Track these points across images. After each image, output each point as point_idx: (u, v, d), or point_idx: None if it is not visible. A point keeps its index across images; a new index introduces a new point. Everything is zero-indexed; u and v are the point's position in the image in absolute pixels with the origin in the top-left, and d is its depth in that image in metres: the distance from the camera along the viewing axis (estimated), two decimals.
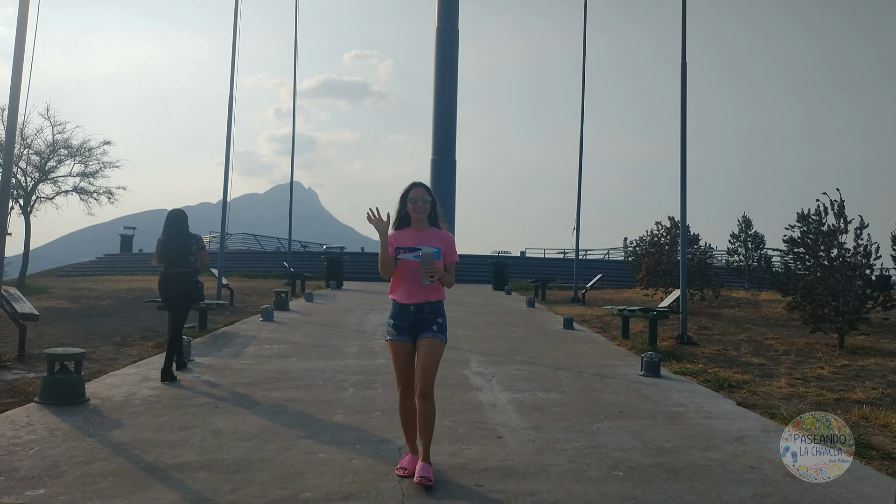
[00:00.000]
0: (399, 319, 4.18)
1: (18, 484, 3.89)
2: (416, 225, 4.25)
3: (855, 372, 8.95)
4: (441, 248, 4.19)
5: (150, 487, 3.90)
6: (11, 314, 8.11)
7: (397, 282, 4.22)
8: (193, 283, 7.42)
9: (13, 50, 7.94)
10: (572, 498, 3.93)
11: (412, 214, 4.22)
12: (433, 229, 4.28)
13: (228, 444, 4.78)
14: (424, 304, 4.15)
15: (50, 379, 5.76)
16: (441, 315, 4.21)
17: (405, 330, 4.16)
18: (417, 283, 4.11)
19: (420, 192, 4.23)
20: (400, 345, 4.16)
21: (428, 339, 4.11)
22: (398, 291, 4.21)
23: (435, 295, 4.19)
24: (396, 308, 4.21)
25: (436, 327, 4.14)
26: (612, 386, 7.44)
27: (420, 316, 4.15)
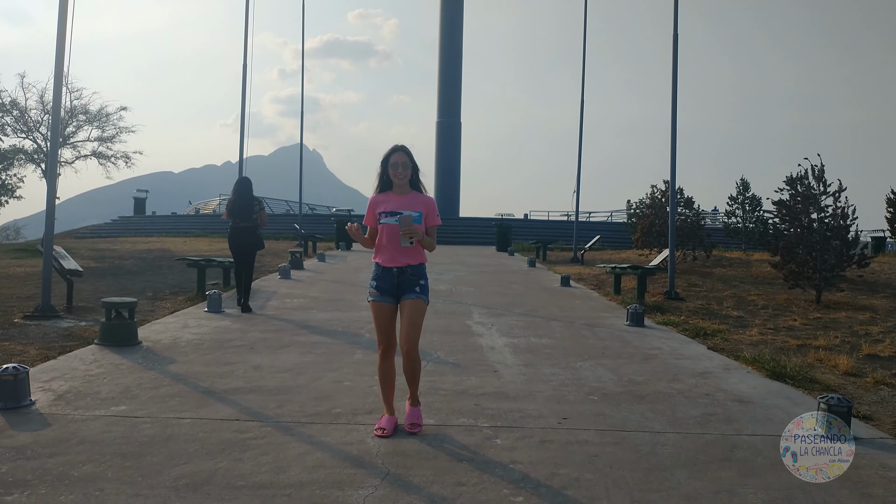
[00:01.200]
0: (382, 281, 4.26)
1: (103, 403, 4.81)
2: (397, 189, 4.31)
3: (824, 323, 9.81)
4: (423, 212, 4.26)
5: (210, 405, 4.82)
6: (60, 270, 9.00)
7: (380, 245, 4.29)
8: (256, 236, 9.44)
9: (56, 22, 8.68)
10: (552, 414, 4.84)
11: (393, 180, 4.27)
12: (415, 193, 4.35)
13: (268, 376, 5.70)
14: (407, 268, 4.24)
15: (107, 324, 6.67)
16: (423, 277, 4.32)
17: (387, 291, 4.26)
18: (399, 247, 4.19)
19: (401, 158, 4.26)
20: (382, 305, 4.26)
21: (411, 300, 4.22)
22: (381, 255, 4.29)
23: (417, 258, 4.28)
24: (379, 270, 4.29)
25: (418, 289, 4.26)
26: (598, 334, 8.33)
27: (403, 278, 4.25)
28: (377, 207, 4.30)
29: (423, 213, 4.26)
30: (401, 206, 4.22)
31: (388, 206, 4.25)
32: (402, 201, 4.25)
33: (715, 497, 3.50)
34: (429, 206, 4.32)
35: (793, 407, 5.23)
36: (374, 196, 4.36)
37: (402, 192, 4.31)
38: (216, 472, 3.60)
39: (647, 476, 3.74)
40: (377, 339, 4.33)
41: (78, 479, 3.45)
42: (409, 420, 4.29)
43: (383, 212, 4.24)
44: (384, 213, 4.24)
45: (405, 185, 4.30)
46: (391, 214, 4.19)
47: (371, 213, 4.33)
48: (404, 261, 4.24)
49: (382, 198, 4.31)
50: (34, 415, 4.47)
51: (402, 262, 4.24)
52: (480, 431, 4.40)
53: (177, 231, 32.61)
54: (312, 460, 3.81)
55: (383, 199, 4.30)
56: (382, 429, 4.22)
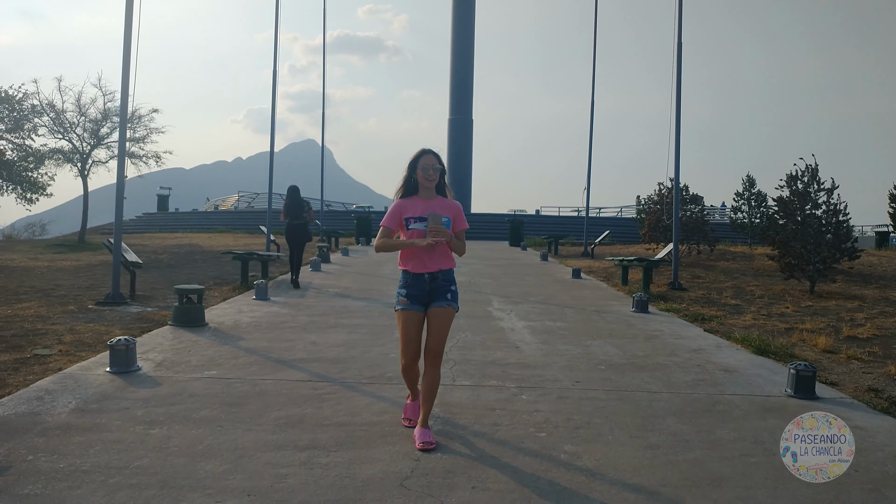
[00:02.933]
0: (412, 289, 4.10)
1: (196, 368, 5.83)
2: (423, 193, 4.14)
3: (814, 311, 10.72)
4: (450, 217, 4.12)
5: (284, 370, 5.83)
6: (124, 263, 10.04)
7: (409, 252, 4.10)
8: (306, 230, 12.25)
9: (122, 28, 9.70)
10: (567, 378, 5.82)
11: (421, 182, 4.11)
12: (440, 198, 4.19)
13: (324, 349, 6.71)
14: (438, 273, 4.11)
15: (180, 307, 7.70)
16: (454, 283, 4.21)
17: (418, 299, 4.10)
18: (428, 252, 4.06)
19: (431, 160, 4.10)
20: (411, 314, 4.08)
21: (442, 308, 4.10)
22: (411, 262, 4.10)
23: (448, 263, 4.16)
24: (409, 278, 4.11)
25: (449, 295, 4.14)
26: (606, 318, 9.30)
27: (434, 284, 4.11)
28: (404, 213, 4.10)
29: (451, 217, 4.13)
30: (427, 210, 4.05)
31: (416, 212, 4.08)
32: (429, 206, 4.07)
33: (697, 434, 4.47)
34: (455, 211, 4.19)
35: (771, 375, 6.19)
36: (399, 200, 4.16)
37: (428, 197, 4.14)
38: (304, 415, 4.61)
39: (643, 421, 4.72)
40: (402, 351, 4.12)
41: (200, 420, 4.46)
42: (422, 438, 4.03)
43: (411, 217, 4.08)
44: (412, 218, 4.07)
45: (432, 188, 4.14)
46: (419, 220, 4.04)
47: (395, 217, 4.12)
48: (435, 266, 4.09)
49: (408, 202, 4.13)
50: (144, 377, 5.49)
51: (433, 268, 4.09)
52: (508, 390, 5.39)
53: (199, 227, 33.75)
54: (377, 408, 4.81)
55: (409, 204, 4.12)
56: (409, 419, 4.34)
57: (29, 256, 17.80)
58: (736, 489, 3.59)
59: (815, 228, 12.85)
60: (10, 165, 26.90)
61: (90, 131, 21.89)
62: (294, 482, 3.50)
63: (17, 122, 26.52)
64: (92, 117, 21.80)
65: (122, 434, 4.15)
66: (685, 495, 3.49)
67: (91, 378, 5.40)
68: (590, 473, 3.74)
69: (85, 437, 4.06)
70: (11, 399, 4.81)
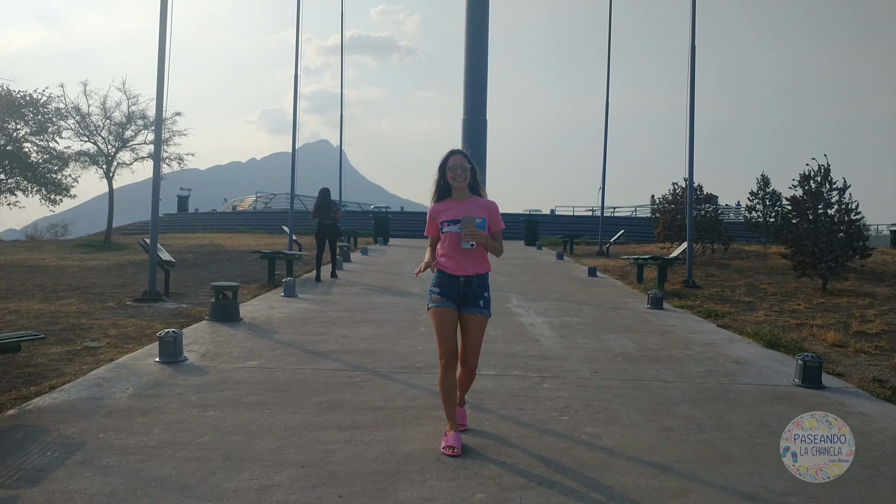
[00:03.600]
0: (446, 289, 4.08)
1: (238, 359, 6.23)
2: (456, 195, 4.13)
3: (825, 307, 10.98)
4: (486, 218, 4.09)
5: (319, 361, 6.22)
6: (158, 262, 10.49)
7: (446, 251, 4.09)
8: (336, 229, 13.09)
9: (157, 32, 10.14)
10: (586, 369, 6.16)
11: (452, 184, 4.09)
12: (475, 198, 4.16)
13: (355, 342, 7.10)
14: (474, 277, 4.08)
15: (217, 303, 8.12)
16: (488, 288, 4.16)
17: (451, 298, 4.08)
18: (465, 255, 4.04)
19: (459, 160, 4.08)
20: (445, 310, 4.05)
21: (475, 317, 4.08)
22: (447, 263, 4.09)
23: (483, 266, 4.12)
24: (444, 278, 4.09)
25: (482, 302, 4.10)
26: (622, 314, 9.62)
27: (469, 288, 4.08)
28: (438, 217, 4.12)
29: (486, 217, 4.09)
30: (461, 211, 4.03)
31: (450, 214, 4.07)
32: (463, 207, 4.06)
33: (708, 419, 4.80)
34: (491, 211, 4.15)
35: (780, 367, 6.50)
36: (434, 206, 4.18)
37: (462, 198, 4.13)
38: (343, 400, 4.99)
39: (657, 407, 5.06)
40: (439, 350, 4.06)
41: (249, 404, 4.85)
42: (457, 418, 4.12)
43: (445, 220, 4.08)
44: (446, 221, 4.07)
45: (464, 188, 4.12)
46: (454, 222, 4.03)
47: (433, 224, 4.16)
48: (472, 269, 4.07)
49: (442, 206, 4.13)
50: (191, 366, 5.90)
51: (469, 271, 4.06)
52: (531, 379, 5.75)
53: (219, 227, 34.33)
54: (410, 394, 5.18)
55: (444, 208, 4.12)
56: (452, 447, 3.96)
57: (58, 256, 18.34)
58: (743, 465, 3.92)
59: (827, 227, 13.08)
60: (34, 167, 27.66)
61: (115, 134, 22.45)
62: (341, 456, 3.87)
63: (42, 125, 27.25)
64: (117, 120, 22.36)
65: (181, 416, 4.55)
66: (696, 470, 3.83)
67: (143, 367, 5.82)
68: (609, 451, 4.09)
69: (147, 419, 4.47)
70: (73, 385, 5.23)
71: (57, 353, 6.41)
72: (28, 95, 26.76)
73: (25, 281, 12.41)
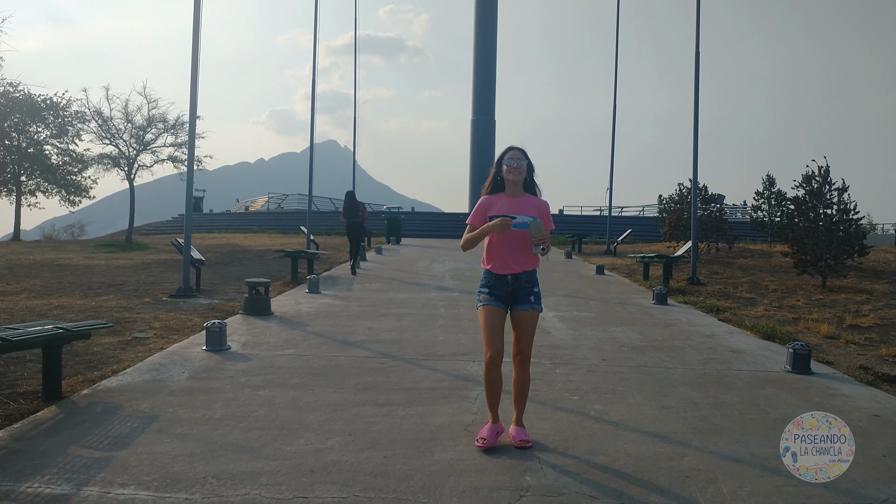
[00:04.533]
0: (495, 289, 4.07)
1: (276, 347, 6.83)
2: (510, 191, 4.10)
3: (823, 303, 11.50)
4: (537, 217, 4.03)
5: (349, 349, 6.81)
6: (190, 260, 11.11)
7: (492, 251, 4.08)
8: (362, 227, 14.89)
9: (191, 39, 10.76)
10: (594, 357, 6.73)
11: (507, 178, 4.05)
12: (528, 196, 4.13)
13: (381, 333, 7.68)
14: (522, 274, 4.06)
15: (250, 298, 8.72)
16: (537, 284, 4.15)
17: (500, 298, 4.07)
18: (513, 252, 4.02)
19: (516, 155, 4.06)
20: (493, 309, 4.05)
21: (527, 312, 4.08)
22: (493, 261, 4.08)
23: (532, 263, 4.09)
24: (492, 278, 4.08)
25: (533, 298, 4.10)
26: (628, 309, 10.18)
27: (518, 286, 4.06)
28: (489, 210, 4.09)
29: (538, 217, 4.04)
30: (512, 208, 4.03)
31: (501, 209, 4.04)
32: (515, 204, 4.05)
33: (704, 399, 5.36)
34: (543, 211, 4.12)
35: (774, 355, 7.04)
36: (486, 197, 4.16)
37: (515, 195, 4.10)
38: (377, 382, 5.57)
39: (659, 388, 5.62)
40: (485, 345, 4.08)
41: (293, 385, 5.45)
42: (519, 437, 4.14)
43: (496, 215, 4.03)
44: (497, 216, 4.01)
45: (519, 184, 4.09)
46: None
47: (481, 215, 4.11)
48: (519, 267, 4.05)
49: (494, 199, 4.11)
50: (235, 354, 6.50)
51: (516, 269, 4.04)
52: (544, 365, 6.32)
53: (233, 228, 35.02)
54: (436, 377, 5.76)
55: (495, 201, 4.10)
56: (483, 439, 4.06)
57: (84, 256, 19.01)
58: (732, 436, 4.48)
59: (827, 227, 13.58)
60: (55, 169, 28.44)
61: (136, 137, 23.15)
62: (381, 427, 4.46)
63: (62, 128, 28.02)
64: (138, 124, 23.06)
65: (235, 394, 5.14)
66: (691, 439, 4.39)
67: (192, 354, 6.43)
68: (615, 424, 4.66)
69: (206, 397, 5.06)
70: (134, 370, 5.84)
71: (110, 342, 7.02)
72: (49, 99, 27.57)
73: (60, 279, 13.06)
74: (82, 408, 4.78)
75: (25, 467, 3.67)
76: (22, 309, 9.28)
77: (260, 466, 3.74)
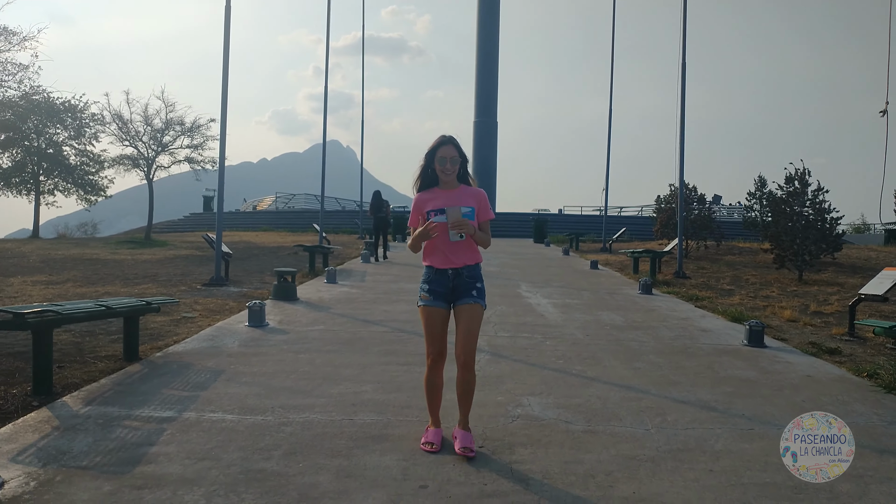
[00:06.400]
0: (435, 285, 3.95)
1: (307, 325, 7.96)
2: (444, 185, 3.96)
3: (796, 294, 12.59)
4: (475, 207, 3.92)
5: (371, 326, 7.94)
6: (220, 253, 12.25)
7: (431, 247, 3.94)
8: (387, 221, 17.88)
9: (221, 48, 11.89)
10: (580, 333, 7.85)
11: (440, 176, 3.93)
12: (463, 186, 3.99)
13: (395, 315, 8.81)
14: (463, 269, 3.91)
15: (279, 285, 9.86)
16: (480, 279, 3.98)
17: (441, 296, 3.95)
18: (451, 247, 3.87)
19: (449, 151, 3.90)
20: (434, 310, 3.95)
21: (468, 306, 3.91)
22: (433, 257, 3.95)
23: (473, 258, 3.95)
24: (432, 273, 3.96)
25: (475, 292, 3.92)
26: (615, 298, 11.30)
27: (458, 281, 3.92)
28: (424, 206, 3.94)
29: (475, 207, 3.93)
30: (449, 201, 3.88)
31: (436, 204, 3.91)
32: (451, 196, 3.91)
33: (668, 363, 6.47)
34: (480, 200, 3.99)
35: (736, 334, 8.14)
36: (420, 194, 4.00)
37: (450, 188, 3.97)
38: (395, 349, 6.70)
39: (632, 356, 6.74)
40: (426, 349, 4.01)
41: (328, 351, 6.57)
42: (462, 443, 3.88)
43: (432, 210, 3.90)
44: (433, 211, 3.89)
45: (452, 179, 3.97)
46: (441, 212, 3.85)
47: (417, 214, 3.99)
48: (460, 261, 3.90)
49: (429, 195, 3.96)
50: (275, 329, 7.64)
51: (458, 263, 3.90)
52: (536, 339, 7.44)
53: (244, 226, 36.18)
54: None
55: (430, 197, 3.94)
56: (431, 443, 3.98)
57: (108, 251, 20.14)
58: (684, 387, 5.60)
59: (802, 225, 14.69)
60: (73, 169, 29.63)
61: (155, 139, 24.32)
62: (403, 378, 5.58)
63: (79, 130, 29.21)
64: (156, 127, 24.21)
65: (281, 357, 6.27)
66: (651, 389, 5.51)
67: (238, 329, 7.57)
68: (591, 378, 5.78)
69: (258, 358, 6.20)
70: (192, 340, 6.97)
71: (163, 321, 8.15)
72: (67, 101, 28.76)
73: (96, 271, 14.19)
74: (160, 365, 5.91)
75: (134, 401, 4.81)
76: (73, 295, 10.41)
77: (312, 402, 4.87)
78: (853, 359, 6.98)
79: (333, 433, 4.22)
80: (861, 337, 8.22)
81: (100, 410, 4.57)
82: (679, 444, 4.18)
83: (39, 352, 4.90)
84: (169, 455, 3.79)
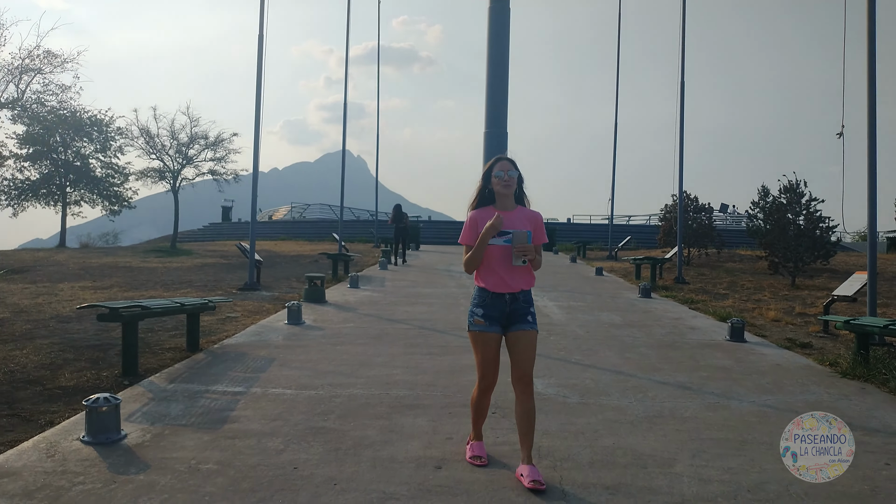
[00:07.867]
0: (490, 309, 3.79)
1: (339, 323, 8.98)
2: (500, 204, 3.87)
3: (786, 298, 13.51)
4: (531, 231, 3.79)
5: (395, 324, 8.96)
6: (253, 260, 13.31)
7: (488, 269, 3.80)
8: (406, 231, 20.08)
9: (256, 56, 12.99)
10: (582, 331, 8.84)
11: (498, 191, 3.83)
12: (520, 208, 3.91)
13: (416, 314, 9.83)
14: (520, 293, 3.80)
15: (310, 289, 10.91)
16: (532, 304, 3.90)
17: (496, 320, 3.80)
18: (510, 270, 3.77)
19: (506, 166, 3.84)
20: (490, 336, 3.79)
21: (525, 332, 3.80)
22: (489, 279, 3.79)
23: (529, 282, 3.85)
24: (487, 297, 3.79)
25: (530, 318, 3.84)
26: (617, 301, 12.27)
27: (515, 306, 3.80)
28: (480, 225, 3.80)
29: (532, 230, 3.81)
30: (506, 222, 3.78)
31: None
32: (508, 217, 3.80)
33: (656, 355, 7.44)
34: (536, 223, 3.90)
35: (721, 331, 9.08)
36: (476, 212, 3.87)
37: (506, 207, 3.87)
38: (419, 343, 7.71)
39: (625, 348, 7.71)
40: (479, 373, 3.91)
41: (360, 343, 7.59)
42: (531, 476, 3.67)
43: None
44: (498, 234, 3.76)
45: (509, 197, 3.86)
46: (500, 234, 3.75)
47: (472, 232, 3.83)
48: (517, 286, 3.79)
49: (484, 213, 3.84)
50: (310, 326, 8.67)
51: (515, 288, 3.78)
52: (540, 335, 8.41)
53: (262, 236, 37.25)
54: (462, 342, 7.88)
55: (486, 216, 3.81)
56: (478, 457, 4.02)
57: (139, 260, 21.29)
58: (666, 372, 6.57)
59: (795, 233, 15.61)
60: (99, 181, 30.93)
61: (181, 153, 25.55)
62: (427, 365, 6.59)
63: (105, 143, 30.51)
64: (182, 141, 25.45)
65: (321, 348, 7.30)
66: (637, 373, 6.49)
67: (278, 326, 8.60)
68: (587, 365, 6.77)
69: (302, 349, 7.22)
70: (241, 335, 8.01)
71: (211, 320, 9.20)
72: (93, 116, 30.08)
73: (135, 277, 15.30)
74: (220, 354, 6.95)
75: (208, 380, 5.84)
76: (122, 299, 11.49)
77: (353, 381, 5.88)
78: (822, 351, 7.92)
79: (375, 403, 5.24)
80: (834, 334, 9.15)
81: (182, 387, 5.61)
82: (655, 413, 5.16)
83: (129, 340, 5.95)
84: (248, 417, 4.81)
